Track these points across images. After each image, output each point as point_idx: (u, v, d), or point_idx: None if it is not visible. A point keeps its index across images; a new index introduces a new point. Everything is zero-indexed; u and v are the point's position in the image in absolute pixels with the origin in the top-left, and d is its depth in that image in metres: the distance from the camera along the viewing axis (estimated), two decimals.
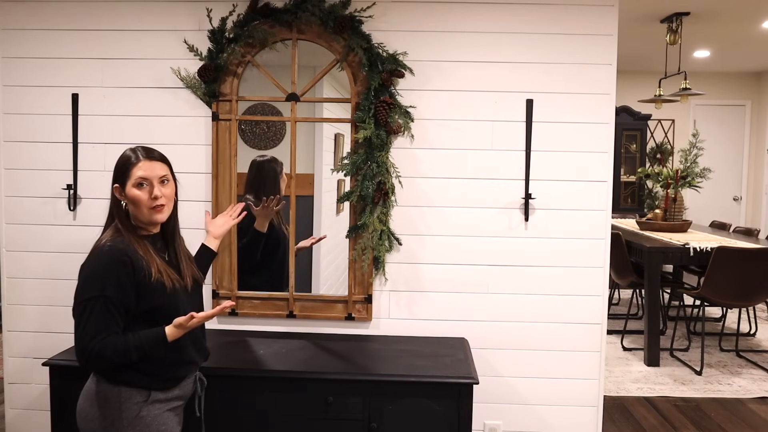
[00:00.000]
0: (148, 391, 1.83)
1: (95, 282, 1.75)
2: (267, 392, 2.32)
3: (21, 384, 2.90)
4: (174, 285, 1.86)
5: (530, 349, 2.80)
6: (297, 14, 2.64)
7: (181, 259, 1.96)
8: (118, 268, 1.76)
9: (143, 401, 1.82)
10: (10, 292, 2.88)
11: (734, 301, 4.54)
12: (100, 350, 1.72)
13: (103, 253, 1.79)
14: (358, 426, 2.30)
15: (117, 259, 1.77)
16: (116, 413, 1.80)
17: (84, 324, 1.73)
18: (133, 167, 1.85)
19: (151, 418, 1.83)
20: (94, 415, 1.82)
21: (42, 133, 2.82)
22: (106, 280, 1.75)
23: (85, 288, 1.76)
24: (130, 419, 1.80)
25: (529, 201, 2.75)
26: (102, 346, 1.72)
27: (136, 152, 1.88)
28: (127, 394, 1.81)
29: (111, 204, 1.90)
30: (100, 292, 1.74)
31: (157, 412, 1.85)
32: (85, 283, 1.77)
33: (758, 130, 7.91)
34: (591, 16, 2.68)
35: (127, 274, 1.77)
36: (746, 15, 5.02)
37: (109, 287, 1.74)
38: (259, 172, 2.84)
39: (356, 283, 2.77)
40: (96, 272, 1.77)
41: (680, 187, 5.27)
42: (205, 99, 2.73)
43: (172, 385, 1.89)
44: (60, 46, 2.78)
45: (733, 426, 3.60)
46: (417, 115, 2.72)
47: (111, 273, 1.76)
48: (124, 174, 1.86)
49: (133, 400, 1.81)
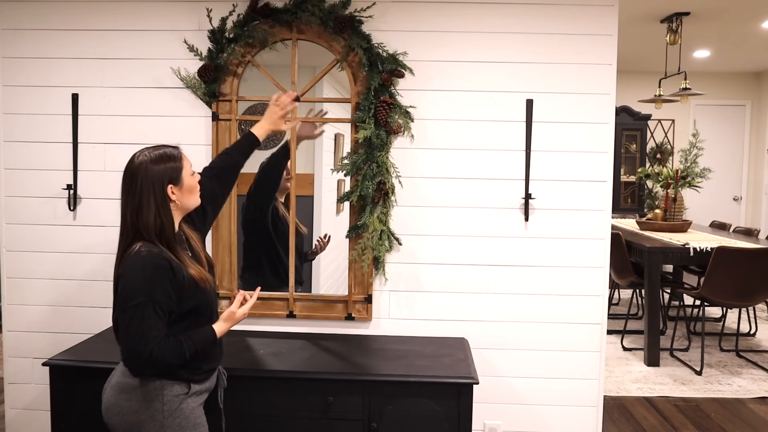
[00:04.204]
0: (189, 384, 1.88)
1: (142, 287, 1.75)
2: (267, 392, 2.32)
3: (21, 384, 2.90)
4: (205, 281, 1.90)
5: (530, 349, 2.80)
6: (297, 14, 2.64)
7: (197, 247, 1.97)
8: (162, 273, 1.78)
9: (184, 394, 1.87)
10: (10, 292, 2.88)
11: (734, 301, 4.54)
12: (159, 354, 1.74)
13: (144, 259, 1.77)
14: (358, 426, 2.30)
15: (159, 265, 1.78)
16: (159, 406, 1.82)
17: (136, 329, 1.73)
18: (182, 159, 1.89)
19: (189, 411, 1.87)
20: (134, 408, 1.83)
21: (42, 133, 2.82)
22: (152, 284, 1.76)
23: (132, 294, 1.75)
24: (171, 411, 1.83)
25: (529, 201, 2.75)
26: (161, 350, 1.74)
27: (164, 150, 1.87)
28: (170, 389, 1.84)
29: (160, 209, 1.82)
30: (148, 297, 1.74)
31: (194, 404, 1.90)
32: (131, 289, 1.76)
33: (758, 130, 7.92)
34: (591, 16, 2.68)
35: (169, 278, 1.79)
36: (746, 15, 5.02)
37: (156, 292, 1.76)
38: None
39: (356, 283, 2.76)
40: (141, 278, 1.76)
41: (680, 187, 5.27)
42: (205, 99, 2.73)
43: (206, 377, 1.95)
44: (60, 46, 2.78)
45: (733, 426, 3.60)
46: (417, 115, 2.72)
47: (155, 278, 1.77)
48: (176, 170, 1.86)
49: (175, 393, 1.85)
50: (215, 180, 2.16)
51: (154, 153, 1.86)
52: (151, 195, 1.81)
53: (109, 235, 2.79)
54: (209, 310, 1.92)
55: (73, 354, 2.44)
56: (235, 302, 1.96)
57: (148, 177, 1.82)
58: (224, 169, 2.22)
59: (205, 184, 2.06)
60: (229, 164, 2.24)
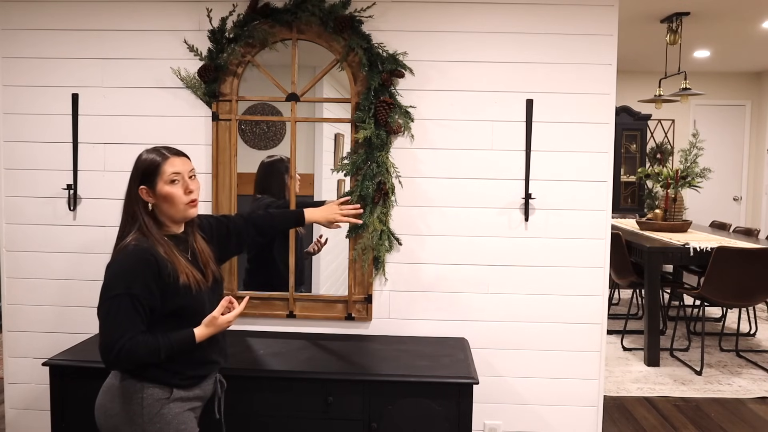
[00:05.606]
0: (171, 389, 1.84)
1: (121, 280, 1.74)
2: (267, 392, 2.32)
3: (21, 384, 2.90)
4: (199, 286, 1.85)
5: (530, 349, 2.80)
6: (297, 14, 2.64)
7: (203, 258, 1.95)
8: (144, 268, 1.76)
9: (165, 398, 1.83)
10: (10, 292, 2.88)
11: (734, 301, 4.54)
12: (130, 348, 1.71)
13: (129, 253, 1.78)
14: (358, 426, 2.30)
15: (143, 259, 1.77)
16: (138, 409, 1.80)
17: (111, 321, 1.72)
18: (164, 164, 1.84)
19: (171, 416, 1.83)
20: (116, 410, 1.82)
21: (42, 133, 2.82)
22: (133, 278, 1.74)
23: (111, 286, 1.75)
24: (151, 416, 1.80)
25: (529, 201, 2.75)
26: (133, 344, 1.71)
27: (159, 151, 1.87)
28: (150, 391, 1.81)
29: (131, 207, 1.85)
30: (127, 289, 1.73)
31: (178, 410, 1.85)
32: (111, 281, 1.76)
33: (758, 130, 7.91)
34: (591, 16, 2.68)
35: (152, 273, 1.76)
36: (746, 15, 5.02)
37: (135, 285, 1.74)
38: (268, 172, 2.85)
39: (356, 283, 2.77)
40: (122, 270, 1.76)
41: (680, 187, 5.27)
42: (205, 99, 2.73)
43: (194, 384, 1.89)
44: (60, 46, 2.78)
45: (733, 426, 3.60)
46: (417, 115, 2.72)
47: (137, 272, 1.75)
48: (153, 173, 1.84)
49: (156, 396, 1.82)
50: (251, 226, 2.24)
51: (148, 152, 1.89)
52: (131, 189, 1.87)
53: (109, 234, 2.78)
54: (200, 316, 1.85)
55: (73, 354, 2.45)
56: (218, 307, 1.86)
57: (132, 171, 1.88)
58: (261, 227, 2.27)
59: (239, 224, 2.21)
60: (267, 226, 2.29)
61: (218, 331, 1.86)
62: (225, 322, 1.85)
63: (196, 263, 1.92)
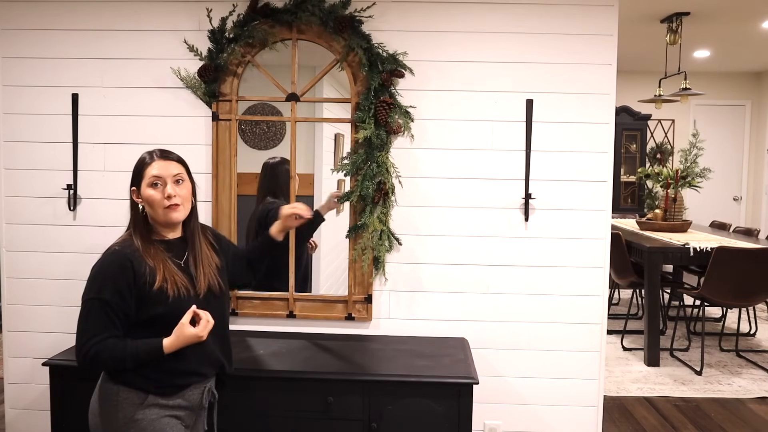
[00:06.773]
0: (146, 394, 1.81)
1: (95, 284, 1.78)
2: (267, 392, 2.32)
3: (21, 384, 2.90)
4: (180, 293, 1.81)
5: (530, 349, 2.80)
6: (297, 14, 2.64)
7: (198, 266, 1.91)
8: (117, 273, 1.77)
9: (139, 404, 1.81)
10: (10, 292, 2.88)
11: (734, 301, 4.54)
12: (96, 353, 1.73)
13: (107, 256, 1.81)
14: (358, 426, 2.30)
15: (118, 264, 1.78)
16: (113, 411, 1.81)
17: (81, 324, 1.77)
18: (147, 167, 1.86)
19: (146, 422, 1.80)
20: (96, 411, 1.85)
21: (42, 133, 2.82)
22: (105, 283, 1.76)
23: (86, 289, 1.79)
24: (126, 420, 1.80)
25: (529, 201, 2.75)
26: (98, 349, 1.73)
27: (152, 153, 1.89)
28: (125, 395, 1.81)
29: (130, 207, 1.91)
30: (98, 294, 1.76)
31: (154, 416, 1.81)
32: (88, 283, 1.80)
33: (758, 130, 7.91)
34: (591, 16, 2.68)
35: (126, 279, 1.76)
36: (746, 15, 5.02)
37: (106, 290, 1.75)
38: (273, 174, 2.85)
39: (356, 283, 2.76)
40: (97, 274, 1.79)
41: (680, 187, 5.27)
42: (205, 99, 2.73)
43: (173, 392, 1.85)
44: (60, 46, 2.78)
45: (733, 426, 3.60)
46: (417, 115, 2.72)
47: (109, 277, 1.77)
48: (139, 175, 1.87)
49: (130, 401, 1.80)
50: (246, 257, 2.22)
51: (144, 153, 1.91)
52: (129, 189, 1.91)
53: (109, 235, 2.77)
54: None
55: (73, 354, 2.44)
56: (186, 315, 1.77)
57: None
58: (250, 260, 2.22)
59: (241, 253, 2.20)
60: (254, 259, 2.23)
61: (187, 342, 1.77)
62: (192, 334, 1.76)
63: (187, 270, 1.89)
